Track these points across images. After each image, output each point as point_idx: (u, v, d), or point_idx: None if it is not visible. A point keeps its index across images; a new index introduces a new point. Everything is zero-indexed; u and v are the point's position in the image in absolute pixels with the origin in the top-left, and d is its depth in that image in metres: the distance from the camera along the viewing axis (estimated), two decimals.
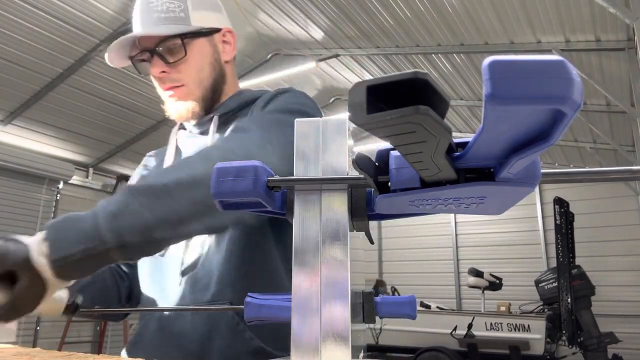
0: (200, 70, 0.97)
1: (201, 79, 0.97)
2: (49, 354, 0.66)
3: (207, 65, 0.98)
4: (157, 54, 0.94)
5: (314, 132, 0.42)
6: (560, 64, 0.21)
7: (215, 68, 1.00)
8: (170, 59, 0.94)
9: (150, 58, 0.95)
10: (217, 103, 1.01)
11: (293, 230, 0.40)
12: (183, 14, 0.95)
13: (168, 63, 0.94)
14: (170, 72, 0.95)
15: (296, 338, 0.38)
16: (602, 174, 0.34)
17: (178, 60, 0.94)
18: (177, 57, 0.94)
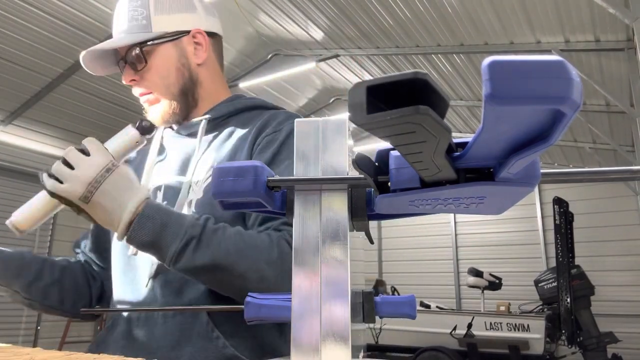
0: (165, 77, 0.96)
1: (167, 85, 0.96)
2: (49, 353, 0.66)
3: (172, 71, 0.96)
4: (127, 62, 0.95)
5: (314, 132, 0.42)
6: (560, 64, 0.21)
7: (183, 73, 0.98)
8: (138, 67, 0.95)
9: (124, 67, 0.97)
10: (194, 108, 1.00)
11: (293, 230, 0.40)
12: (145, 21, 0.94)
13: (136, 71, 0.95)
14: (138, 80, 0.97)
15: (296, 338, 0.38)
16: (602, 174, 0.34)
17: (142, 69, 0.95)
18: (141, 66, 0.95)
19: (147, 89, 0.97)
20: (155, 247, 0.73)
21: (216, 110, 0.99)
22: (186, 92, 0.98)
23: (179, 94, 0.97)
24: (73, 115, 6.02)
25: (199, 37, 0.99)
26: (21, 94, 5.55)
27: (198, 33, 0.99)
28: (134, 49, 0.93)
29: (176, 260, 0.73)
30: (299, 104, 7.23)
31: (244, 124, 0.95)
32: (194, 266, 0.73)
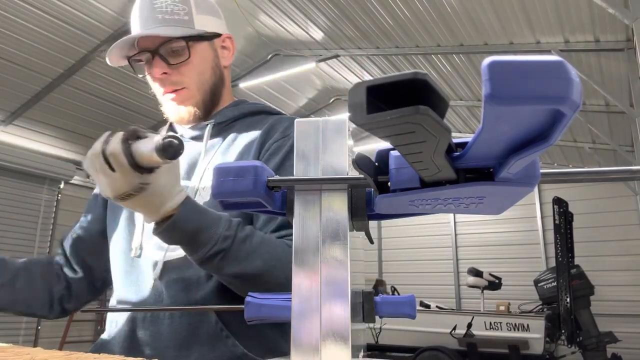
0: (202, 74, 0.96)
1: (202, 82, 0.96)
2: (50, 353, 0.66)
3: (208, 69, 0.97)
4: (158, 55, 0.92)
5: (314, 132, 0.42)
6: (560, 65, 0.22)
7: (215, 72, 0.99)
8: (171, 60, 0.92)
9: (151, 59, 0.93)
10: (215, 108, 1.01)
11: (293, 230, 0.40)
12: (187, 17, 0.94)
13: (169, 65, 0.92)
14: (171, 74, 0.93)
15: (296, 338, 0.38)
16: (601, 174, 0.34)
17: (180, 63, 0.93)
18: (179, 59, 0.93)
19: (180, 84, 0.95)
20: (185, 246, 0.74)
21: (221, 114, 1.00)
22: (215, 92, 0.99)
23: (210, 92, 0.98)
24: (73, 115, 6.02)
25: (227, 42, 1.03)
26: (21, 94, 5.55)
27: (227, 38, 1.03)
28: (177, 42, 0.91)
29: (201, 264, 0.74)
30: (299, 104, 7.23)
31: (248, 128, 0.96)
32: (219, 273, 0.75)
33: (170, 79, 0.94)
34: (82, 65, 5.26)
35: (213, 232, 0.73)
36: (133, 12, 0.96)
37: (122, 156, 0.62)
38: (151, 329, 0.83)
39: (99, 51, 5.11)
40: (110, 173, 0.64)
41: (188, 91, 0.95)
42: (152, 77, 0.95)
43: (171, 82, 0.94)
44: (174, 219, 0.69)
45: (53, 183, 6.55)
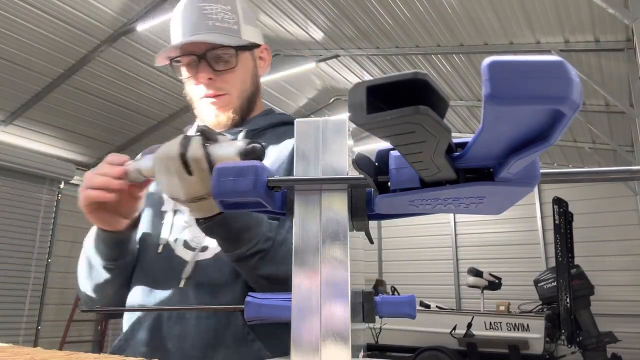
0: (244, 82, 0.99)
1: (242, 90, 0.99)
2: (50, 353, 0.66)
3: (249, 78, 1.01)
4: (205, 60, 0.94)
5: (314, 132, 0.42)
6: (560, 65, 0.22)
7: (254, 81, 1.03)
8: (217, 66, 0.95)
9: (196, 63, 0.95)
10: (249, 115, 1.03)
11: (293, 230, 0.40)
12: (236, 26, 0.97)
13: (214, 70, 0.95)
14: (215, 79, 0.96)
15: (296, 338, 0.38)
16: (601, 174, 0.34)
17: (226, 70, 0.95)
18: (226, 66, 0.95)
19: (223, 90, 0.97)
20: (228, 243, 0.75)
21: (254, 122, 1.01)
22: (251, 100, 1.02)
23: (247, 100, 1.01)
24: (73, 115, 6.02)
25: (265, 53, 1.07)
26: (21, 94, 5.55)
27: (265, 49, 1.07)
28: (226, 49, 0.94)
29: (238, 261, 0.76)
30: (299, 104, 7.23)
31: (279, 139, 0.98)
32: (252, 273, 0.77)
33: (215, 85, 0.96)
34: (82, 65, 5.25)
35: (257, 231, 0.75)
36: (176, 15, 0.99)
37: (204, 161, 0.65)
38: (177, 328, 0.83)
39: (99, 51, 5.11)
40: (186, 177, 0.66)
41: (229, 97, 0.98)
42: (195, 81, 0.96)
43: (215, 87, 0.96)
44: (224, 216, 0.71)
45: (53, 183, 6.55)
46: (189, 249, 0.88)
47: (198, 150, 0.65)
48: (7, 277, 5.99)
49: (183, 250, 0.88)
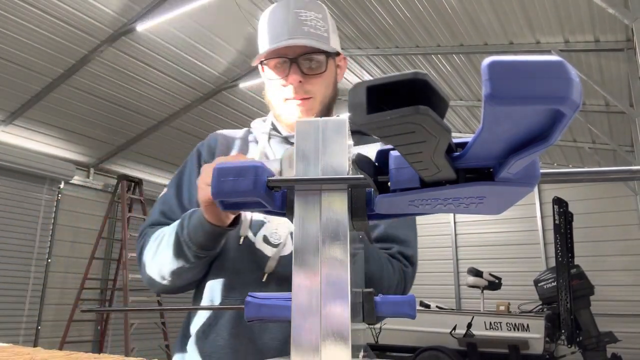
0: (328, 87, 1.04)
1: (325, 95, 1.03)
2: (50, 353, 0.66)
3: (331, 84, 1.05)
4: (297, 63, 0.98)
5: (314, 132, 0.42)
6: (559, 65, 0.22)
7: (334, 87, 1.07)
8: (306, 71, 0.99)
9: (288, 66, 0.99)
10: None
11: (293, 230, 0.40)
12: (326, 34, 1.02)
13: (304, 74, 0.99)
14: (304, 83, 1.00)
15: (296, 337, 0.38)
16: (601, 174, 0.34)
17: (314, 75, 1.00)
18: (315, 71, 1.00)
19: (310, 94, 1.01)
20: None
21: None
22: (331, 105, 1.07)
23: (327, 105, 1.05)
24: (73, 115, 6.02)
25: (343, 61, 1.12)
26: (21, 94, 5.55)
27: (343, 58, 1.12)
28: (317, 55, 0.99)
29: None
30: None
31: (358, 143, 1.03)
32: None
33: (303, 88, 1.00)
34: (82, 65, 5.25)
35: None
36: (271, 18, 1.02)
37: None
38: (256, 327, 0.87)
39: (99, 51, 5.11)
40: None
41: (314, 101, 1.02)
42: (284, 81, 1.00)
43: (304, 90, 1.00)
44: None
45: (53, 183, 6.55)
46: (268, 244, 0.91)
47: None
48: (7, 277, 5.99)
49: (263, 244, 0.92)
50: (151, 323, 6.67)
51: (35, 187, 6.40)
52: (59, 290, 6.57)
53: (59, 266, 6.57)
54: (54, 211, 6.60)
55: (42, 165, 6.19)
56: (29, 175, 6.23)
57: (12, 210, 6.12)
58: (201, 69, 5.73)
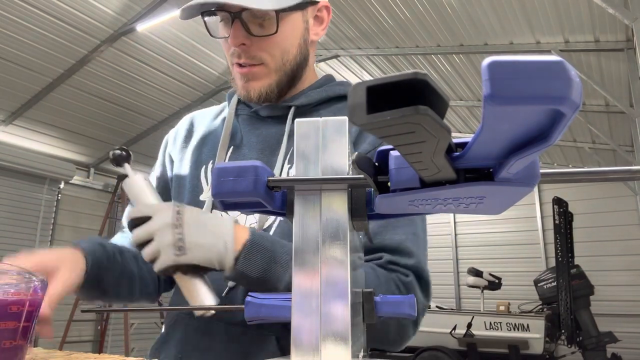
0: (286, 52, 0.81)
1: (284, 62, 0.82)
2: (50, 353, 0.66)
3: (294, 47, 0.82)
4: (240, 20, 0.76)
5: (314, 132, 0.42)
6: (560, 65, 0.22)
7: (301, 50, 0.83)
8: (254, 30, 0.77)
9: (229, 21, 0.77)
10: (299, 87, 0.88)
11: (293, 230, 0.40)
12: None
13: (250, 34, 0.77)
14: (250, 46, 0.79)
15: (296, 338, 0.38)
16: (601, 174, 0.34)
17: (264, 36, 0.78)
18: (264, 32, 0.77)
19: (258, 60, 0.80)
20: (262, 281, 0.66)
21: (306, 95, 0.86)
22: (295, 73, 0.85)
23: (288, 74, 0.83)
24: (74, 116, 6.02)
25: (324, 12, 0.86)
26: (21, 94, 5.55)
27: (325, 7, 0.85)
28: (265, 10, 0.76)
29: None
30: None
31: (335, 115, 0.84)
32: None
33: (249, 52, 0.80)
34: (82, 65, 5.25)
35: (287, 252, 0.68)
36: None
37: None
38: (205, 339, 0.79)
39: (99, 51, 5.11)
40: None
41: (264, 68, 0.81)
42: (228, 45, 0.80)
43: (249, 55, 0.80)
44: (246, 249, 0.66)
45: (53, 183, 6.55)
46: None
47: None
48: None
49: None
50: (151, 323, 6.67)
51: (35, 187, 6.40)
52: None
53: None
54: (54, 211, 6.60)
55: (42, 165, 6.19)
56: (29, 175, 6.23)
57: (12, 210, 6.12)
58: (201, 69, 5.74)
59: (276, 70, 0.82)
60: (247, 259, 0.65)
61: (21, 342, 0.50)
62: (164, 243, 0.63)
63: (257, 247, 0.66)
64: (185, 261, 0.63)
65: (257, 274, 0.65)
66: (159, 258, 0.63)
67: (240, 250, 0.65)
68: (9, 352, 0.48)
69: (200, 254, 0.63)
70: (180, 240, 0.63)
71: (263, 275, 0.65)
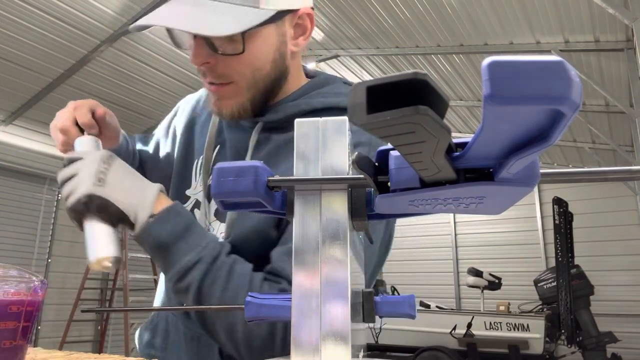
0: (258, 69, 0.73)
1: (256, 80, 0.73)
2: (50, 353, 0.66)
3: (267, 63, 0.73)
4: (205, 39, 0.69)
5: (314, 132, 0.42)
6: (560, 65, 0.22)
7: (277, 65, 0.74)
8: (220, 47, 0.69)
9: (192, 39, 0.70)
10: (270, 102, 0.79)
11: (293, 230, 0.40)
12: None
13: (215, 52, 0.69)
14: (216, 64, 0.71)
15: (296, 338, 0.38)
16: (601, 174, 0.34)
17: (230, 55, 0.69)
18: (230, 49, 0.69)
19: (227, 79, 0.72)
20: (163, 251, 0.66)
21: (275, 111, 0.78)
22: (271, 88, 0.76)
23: (264, 89, 0.75)
24: None
25: (306, 20, 0.75)
26: (21, 94, 5.55)
27: (307, 14, 0.74)
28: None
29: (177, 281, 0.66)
30: None
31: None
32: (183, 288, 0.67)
33: (215, 71, 0.72)
34: (82, 65, 5.25)
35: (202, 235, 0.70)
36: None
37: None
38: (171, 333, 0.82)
39: (99, 51, 5.11)
40: None
41: (235, 87, 0.73)
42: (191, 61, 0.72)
43: (215, 75, 0.72)
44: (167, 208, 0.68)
45: (53, 183, 6.55)
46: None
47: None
48: None
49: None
50: None
51: (35, 187, 6.40)
52: (59, 290, 6.57)
53: (59, 266, 6.57)
54: (54, 211, 6.60)
55: (42, 165, 6.19)
56: (29, 175, 6.23)
57: (12, 210, 6.12)
58: None
59: (248, 88, 0.74)
60: (160, 221, 0.65)
61: (21, 342, 0.50)
62: (86, 173, 0.64)
63: (174, 215, 0.66)
64: (101, 193, 0.62)
65: (164, 239, 0.64)
66: (77, 189, 0.63)
67: (159, 212, 0.65)
68: (8, 352, 0.48)
69: (118, 193, 0.63)
70: (102, 173, 0.64)
71: (167, 244, 0.65)
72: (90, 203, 0.63)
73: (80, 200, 0.63)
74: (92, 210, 0.63)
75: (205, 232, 0.70)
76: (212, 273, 0.66)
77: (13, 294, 0.49)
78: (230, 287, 0.65)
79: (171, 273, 0.66)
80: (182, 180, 0.89)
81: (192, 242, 0.66)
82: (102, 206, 0.63)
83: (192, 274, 0.65)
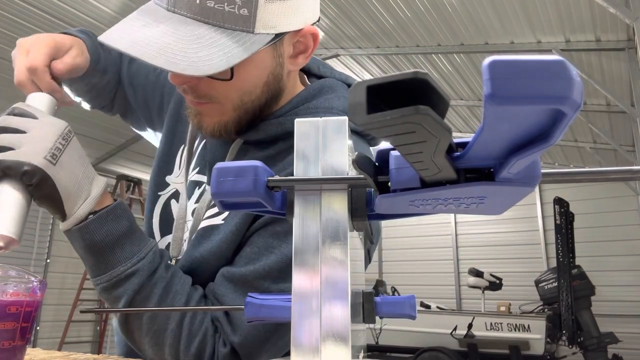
0: (247, 93, 0.66)
1: (244, 102, 0.67)
2: (49, 354, 0.66)
3: (258, 87, 0.67)
4: None
5: (314, 132, 0.42)
6: (561, 64, 0.21)
7: (269, 87, 0.68)
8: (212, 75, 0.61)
9: None
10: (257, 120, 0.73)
11: (293, 230, 0.40)
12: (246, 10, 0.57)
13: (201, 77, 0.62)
14: (198, 84, 0.65)
15: (296, 338, 0.38)
16: (602, 174, 0.34)
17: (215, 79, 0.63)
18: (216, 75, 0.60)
19: (210, 100, 0.66)
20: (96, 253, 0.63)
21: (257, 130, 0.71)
22: (260, 109, 0.70)
23: (252, 110, 0.69)
24: (73, 115, 6.02)
25: (308, 39, 0.68)
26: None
27: (310, 33, 0.68)
28: None
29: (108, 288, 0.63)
30: None
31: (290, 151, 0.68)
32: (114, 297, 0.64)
33: (197, 92, 0.65)
34: None
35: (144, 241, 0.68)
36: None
37: None
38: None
39: None
40: None
41: (219, 107, 0.67)
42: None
43: (197, 95, 0.66)
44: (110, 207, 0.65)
45: None
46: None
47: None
48: None
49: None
50: None
51: None
52: (57, 291, 6.58)
53: (58, 266, 6.58)
54: None
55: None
56: None
57: None
58: None
59: (234, 109, 0.67)
60: (100, 220, 0.61)
61: (20, 342, 0.50)
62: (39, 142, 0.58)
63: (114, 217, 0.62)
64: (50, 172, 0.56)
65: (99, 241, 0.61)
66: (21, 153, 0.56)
67: (101, 211, 0.62)
68: (7, 352, 0.48)
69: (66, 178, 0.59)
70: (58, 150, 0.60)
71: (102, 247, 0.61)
72: (29, 176, 0.55)
73: (21, 167, 0.55)
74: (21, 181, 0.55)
75: (145, 239, 0.66)
76: (147, 288, 0.63)
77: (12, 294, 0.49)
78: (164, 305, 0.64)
79: (101, 278, 0.64)
80: (164, 163, 0.85)
81: (129, 250, 0.63)
82: (41, 185, 0.56)
83: (125, 286, 0.63)
